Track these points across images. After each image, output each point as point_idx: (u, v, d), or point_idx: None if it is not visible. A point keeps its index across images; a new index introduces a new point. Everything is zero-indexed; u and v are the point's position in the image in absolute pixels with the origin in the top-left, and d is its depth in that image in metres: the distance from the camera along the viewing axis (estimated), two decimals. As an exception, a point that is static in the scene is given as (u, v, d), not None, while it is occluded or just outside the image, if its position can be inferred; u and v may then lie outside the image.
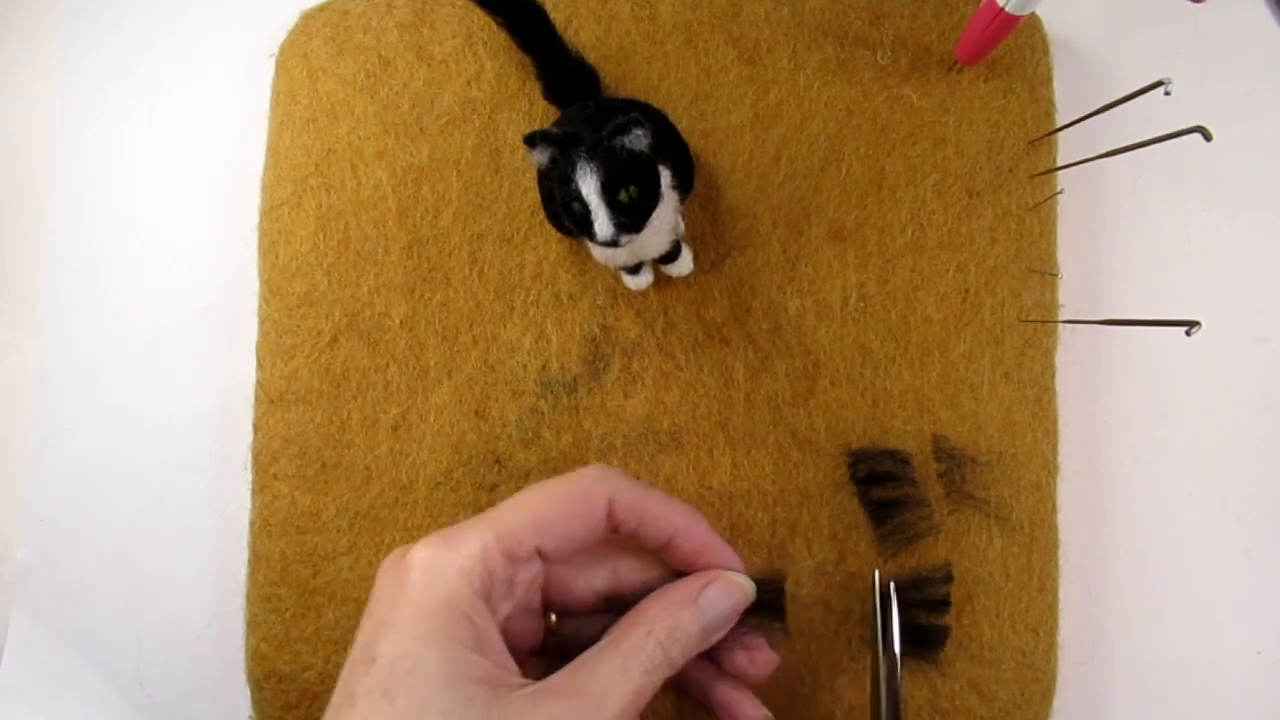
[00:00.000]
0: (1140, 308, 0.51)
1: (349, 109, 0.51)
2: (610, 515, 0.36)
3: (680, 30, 0.51)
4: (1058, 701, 0.48)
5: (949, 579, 0.48)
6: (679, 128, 0.48)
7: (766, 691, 0.48)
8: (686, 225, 0.49)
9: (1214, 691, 0.49)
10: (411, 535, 0.49)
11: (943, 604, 0.47)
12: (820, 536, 0.48)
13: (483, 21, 0.50)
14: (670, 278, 0.49)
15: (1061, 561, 0.48)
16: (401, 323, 0.50)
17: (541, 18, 0.46)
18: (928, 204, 0.50)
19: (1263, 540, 0.50)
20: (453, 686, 0.31)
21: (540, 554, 0.35)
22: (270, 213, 0.51)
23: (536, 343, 0.50)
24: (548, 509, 0.35)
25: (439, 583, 0.32)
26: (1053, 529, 0.48)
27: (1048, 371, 0.49)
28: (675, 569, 0.39)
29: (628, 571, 0.39)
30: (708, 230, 0.50)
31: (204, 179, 0.53)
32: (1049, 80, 0.50)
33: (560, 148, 0.38)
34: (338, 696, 0.33)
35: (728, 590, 0.37)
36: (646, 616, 0.36)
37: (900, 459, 0.48)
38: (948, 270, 0.49)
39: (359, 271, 0.50)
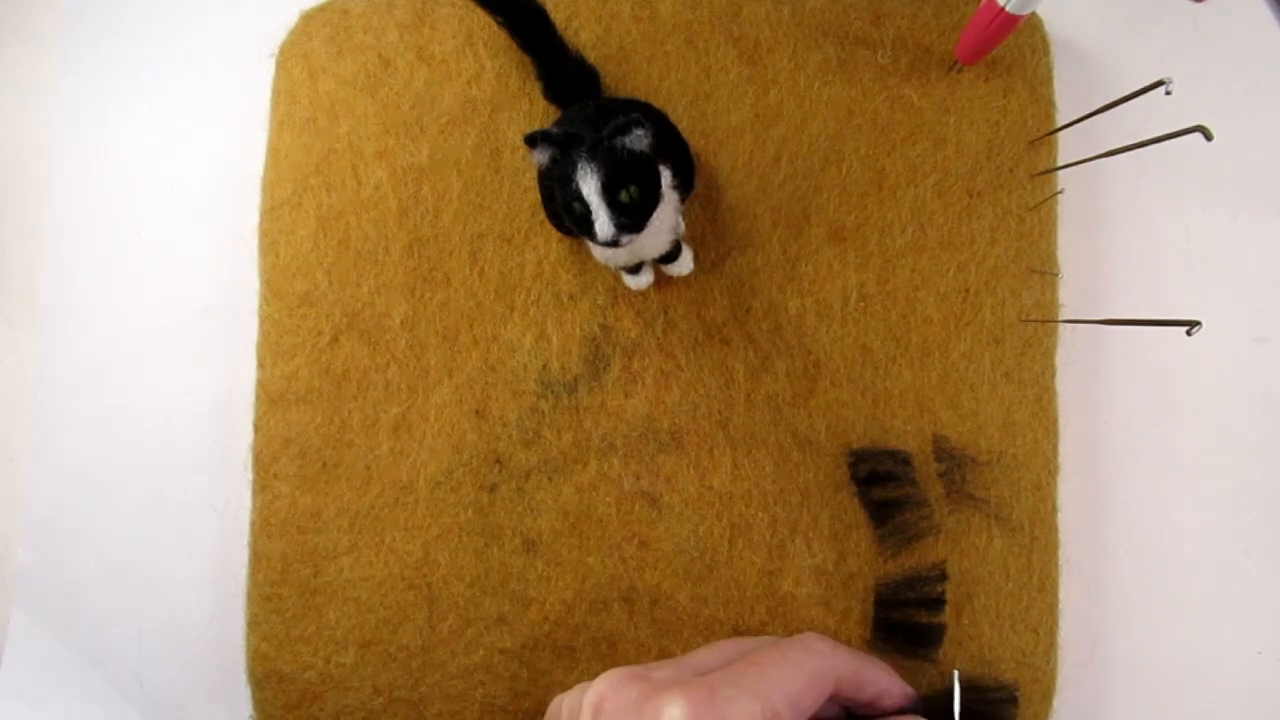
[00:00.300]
0: (1140, 308, 0.51)
1: (349, 109, 0.51)
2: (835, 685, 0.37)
3: (680, 30, 0.51)
4: (1058, 701, 0.48)
5: (943, 577, 0.48)
6: (679, 128, 0.48)
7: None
8: (686, 225, 0.50)
9: (1214, 691, 0.49)
10: (412, 535, 0.49)
11: (938, 602, 0.47)
12: (820, 536, 0.48)
13: (483, 21, 0.50)
14: (670, 278, 0.49)
15: (1061, 561, 0.48)
16: (402, 323, 0.50)
17: (542, 18, 0.46)
18: (928, 204, 0.50)
19: (1263, 540, 0.50)
20: None
21: None
22: (270, 213, 0.51)
23: (537, 343, 0.50)
24: (799, 687, 0.35)
25: None
26: (1053, 529, 0.48)
27: (1048, 371, 0.49)
28: (856, 710, 0.40)
29: None
30: (708, 230, 0.50)
31: (204, 179, 0.53)
32: (1049, 80, 0.50)
33: (561, 148, 0.38)
34: None
35: None
36: None
37: (901, 459, 0.48)
38: (948, 270, 0.49)
39: (359, 271, 0.50)
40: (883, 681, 0.39)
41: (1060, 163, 0.49)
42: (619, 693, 0.32)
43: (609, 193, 0.37)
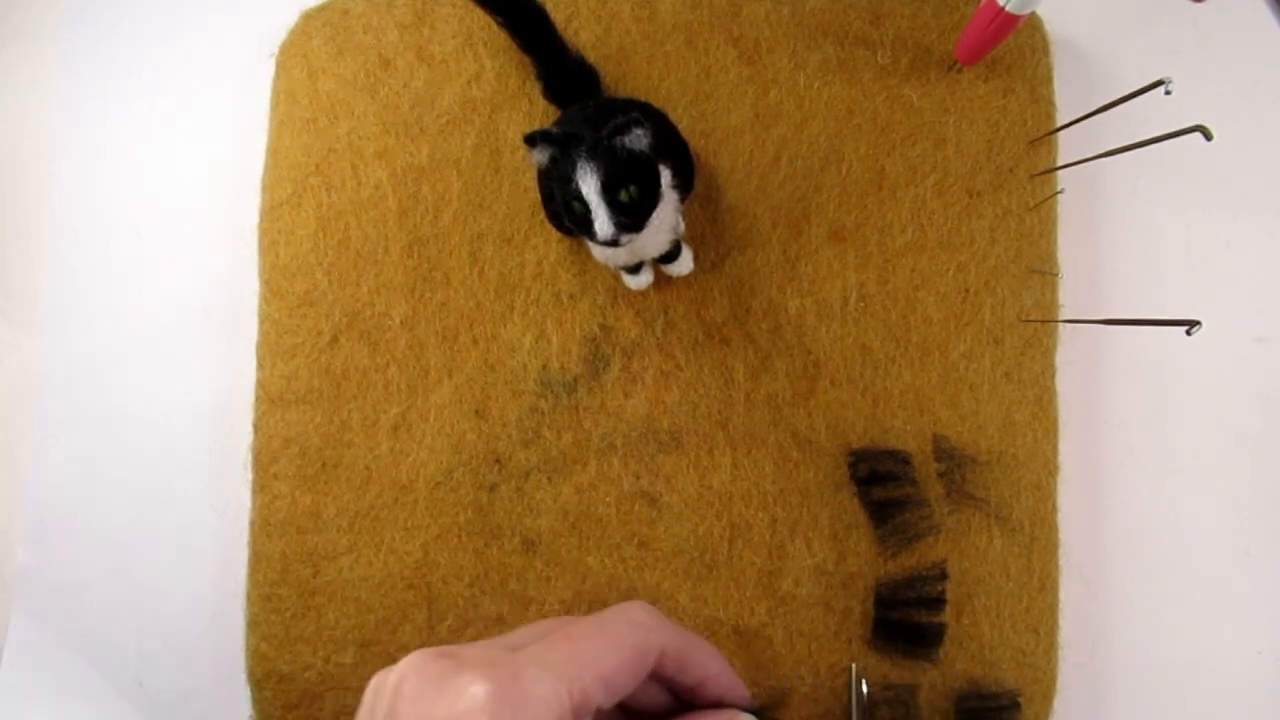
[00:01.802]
0: (1140, 308, 0.51)
1: (349, 109, 0.51)
2: (657, 660, 0.35)
3: (680, 30, 0.51)
4: (1058, 701, 0.48)
5: (944, 576, 0.48)
6: (679, 128, 0.48)
7: (767, 691, 0.48)
8: (686, 225, 0.49)
9: (1214, 691, 0.49)
10: (412, 535, 0.49)
11: (938, 601, 0.47)
12: (820, 536, 0.48)
13: (483, 21, 0.50)
14: (670, 278, 0.49)
15: (1061, 561, 0.48)
16: (401, 322, 0.50)
17: (541, 18, 0.46)
18: (928, 204, 0.50)
19: (1263, 540, 0.50)
20: None
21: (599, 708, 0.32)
22: (270, 213, 0.51)
23: (536, 342, 0.50)
24: (614, 664, 0.32)
25: None
26: (1053, 529, 0.48)
27: (1048, 371, 0.49)
28: (680, 694, 0.38)
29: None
30: (708, 230, 0.50)
31: (204, 179, 0.53)
32: (1049, 80, 0.50)
33: (560, 147, 0.38)
34: None
35: None
36: None
37: (900, 459, 0.48)
38: (948, 270, 0.49)
39: (359, 271, 0.50)
40: (711, 666, 0.36)
41: (1060, 163, 0.49)
42: (421, 671, 0.30)
43: (609, 192, 0.37)
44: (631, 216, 0.38)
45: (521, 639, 0.34)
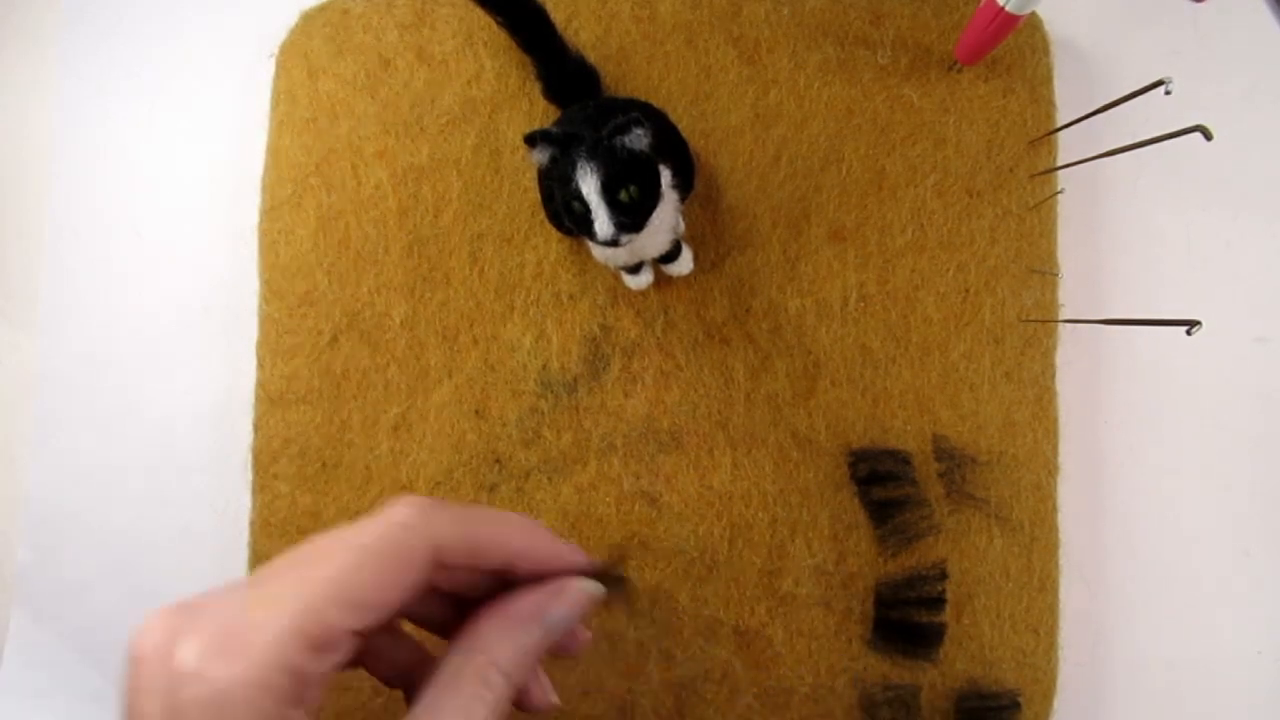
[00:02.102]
0: (1140, 308, 0.51)
1: (349, 109, 0.51)
2: (436, 558, 0.30)
3: (680, 30, 0.51)
4: (1058, 701, 0.48)
5: (943, 576, 0.48)
6: (679, 127, 0.48)
7: (767, 691, 0.48)
8: (686, 225, 0.49)
9: (1214, 691, 0.49)
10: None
11: (938, 601, 0.47)
12: (820, 536, 0.48)
13: (483, 21, 0.50)
14: (670, 278, 0.49)
15: (1061, 561, 0.48)
16: (402, 322, 0.50)
17: (541, 18, 0.46)
18: (928, 204, 0.50)
19: (1263, 540, 0.50)
20: None
21: (355, 632, 0.27)
22: (270, 213, 0.51)
23: (537, 342, 0.50)
24: (361, 580, 0.27)
25: (231, 715, 0.24)
26: (1053, 529, 0.48)
27: (1048, 371, 0.49)
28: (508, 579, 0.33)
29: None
30: (708, 230, 0.50)
31: (204, 179, 0.53)
32: (1049, 80, 0.50)
33: (560, 147, 0.38)
34: None
35: (575, 602, 0.32)
36: (486, 642, 0.30)
37: (901, 459, 0.48)
38: (948, 270, 0.49)
39: (359, 271, 0.50)
40: (514, 542, 0.31)
41: (1060, 163, 0.49)
42: (151, 635, 0.27)
43: (609, 192, 0.37)
44: (631, 216, 0.38)
45: (272, 569, 0.30)
